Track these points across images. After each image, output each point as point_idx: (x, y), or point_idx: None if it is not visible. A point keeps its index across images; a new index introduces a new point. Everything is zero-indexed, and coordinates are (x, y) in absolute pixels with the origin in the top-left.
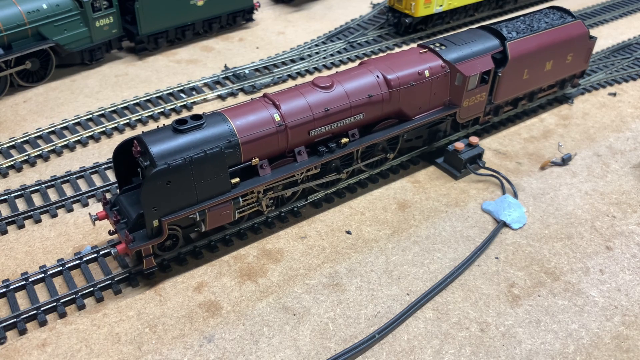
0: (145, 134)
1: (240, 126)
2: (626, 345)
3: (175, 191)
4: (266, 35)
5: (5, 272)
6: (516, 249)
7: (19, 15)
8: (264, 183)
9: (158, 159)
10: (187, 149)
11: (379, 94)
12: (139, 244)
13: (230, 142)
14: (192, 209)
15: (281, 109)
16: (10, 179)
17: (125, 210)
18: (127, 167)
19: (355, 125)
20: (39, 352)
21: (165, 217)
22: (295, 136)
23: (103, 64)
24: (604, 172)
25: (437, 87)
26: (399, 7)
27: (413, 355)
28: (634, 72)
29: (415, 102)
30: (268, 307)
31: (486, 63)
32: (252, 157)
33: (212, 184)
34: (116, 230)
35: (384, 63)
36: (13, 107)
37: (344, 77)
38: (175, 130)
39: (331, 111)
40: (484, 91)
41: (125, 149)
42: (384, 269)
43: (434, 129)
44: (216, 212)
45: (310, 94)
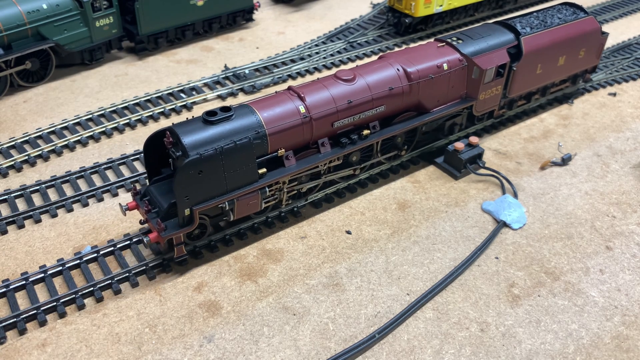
0: (177, 125)
1: (267, 118)
2: (626, 345)
3: (206, 181)
4: (266, 35)
5: (5, 272)
6: (516, 249)
7: (19, 15)
8: (290, 173)
9: (190, 149)
10: (217, 140)
11: (399, 87)
12: (170, 233)
13: (258, 133)
14: (222, 198)
15: (306, 101)
16: (10, 179)
17: (156, 200)
18: (156, 159)
19: (376, 118)
20: (39, 352)
21: (197, 205)
22: (320, 128)
23: (103, 64)
24: (604, 172)
25: (455, 80)
26: (399, 7)
27: (413, 355)
28: (634, 72)
29: (434, 94)
30: (268, 307)
31: (502, 57)
32: (279, 148)
33: (241, 174)
34: (147, 219)
35: (404, 56)
36: (13, 107)
37: (366, 70)
38: (205, 122)
39: (354, 103)
40: (500, 84)
41: (155, 141)
42: (384, 269)
43: (451, 122)
44: (244, 202)
45: (333, 87)
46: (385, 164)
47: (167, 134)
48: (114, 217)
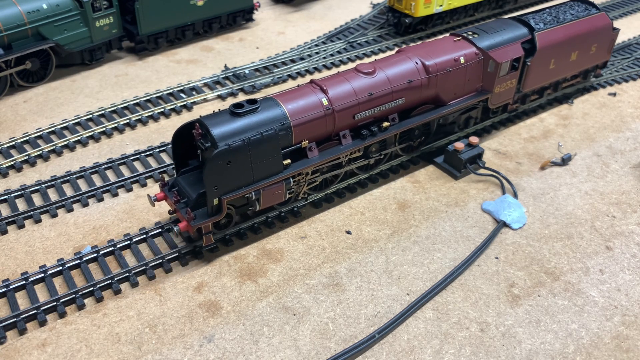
0: (205, 117)
1: (291, 110)
2: (626, 345)
3: (234, 171)
4: (266, 35)
5: (6, 272)
6: (516, 249)
7: (19, 15)
8: (313, 164)
9: (219, 140)
10: (245, 131)
11: (418, 80)
12: (199, 222)
13: (283, 125)
14: (249, 188)
15: (328, 93)
16: (10, 178)
17: (185, 190)
18: (184, 151)
19: (396, 110)
20: (39, 352)
21: (225, 195)
22: (342, 120)
23: (103, 64)
24: (604, 172)
25: (471, 73)
26: (399, 7)
27: (413, 355)
28: (634, 72)
29: (451, 87)
30: (268, 307)
31: (516, 50)
32: (302, 140)
33: (267, 165)
34: (176, 209)
35: (422, 50)
36: (13, 107)
37: (385, 64)
38: (232, 114)
39: (374, 96)
40: (514, 77)
41: (183, 133)
42: (384, 269)
43: (466, 115)
44: (270, 192)
45: (354, 80)
46: (385, 165)
47: (196, 126)
48: (114, 217)
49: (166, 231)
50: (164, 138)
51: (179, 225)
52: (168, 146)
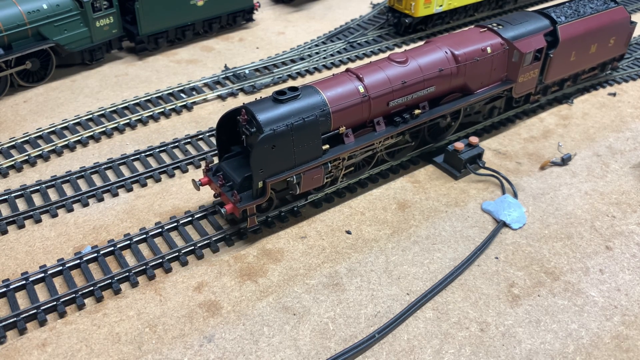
0: (250, 104)
1: (330, 97)
2: (626, 345)
3: (278, 155)
4: (266, 36)
5: (6, 272)
6: (516, 249)
7: (19, 15)
8: (349, 150)
9: (264, 125)
10: (287, 117)
11: (448, 68)
12: (245, 204)
13: (323, 111)
14: (291, 172)
15: (364, 81)
16: (10, 178)
17: (229, 174)
18: (226, 137)
19: (426, 98)
20: (39, 351)
21: (269, 178)
22: (377, 107)
23: (103, 64)
24: (604, 172)
25: (497, 63)
26: (398, 7)
27: (413, 355)
28: (634, 72)
29: (478, 76)
30: (268, 307)
31: (539, 41)
32: (340, 126)
33: (308, 149)
34: (221, 193)
35: (451, 40)
36: (13, 107)
37: (417, 53)
38: (275, 101)
39: (407, 84)
40: (536, 68)
41: (226, 121)
42: (384, 268)
43: (491, 105)
44: (309, 176)
45: (388, 68)
46: (385, 165)
47: (242, 112)
48: (114, 217)
49: (166, 231)
50: (164, 138)
51: (225, 207)
52: (168, 146)
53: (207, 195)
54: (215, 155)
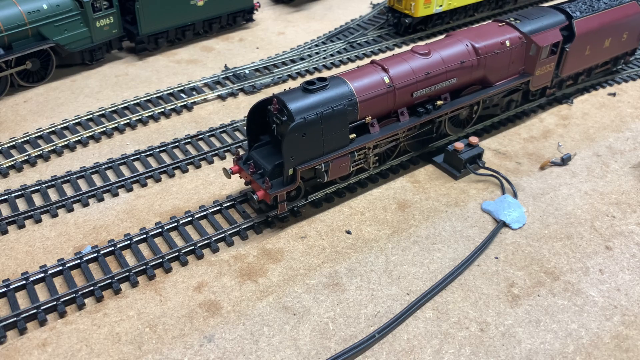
0: (280, 94)
1: (357, 87)
2: (626, 345)
3: (308, 143)
4: (266, 36)
5: (6, 272)
6: (516, 249)
7: (19, 15)
8: (374, 139)
9: (295, 114)
10: (317, 107)
11: (469, 61)
12: (276, 190)
13: (350, 101)
14: (319, 160)
15: (390, 72)
16: (10, 178)
17: (260, 162)
18: (256, 127)
19: (448, 90)
20: (40, 351)
21: (299, 165)
22: (401, 97)
23: (103, 64)
24: (604, 172)
25: (515, 56)
26: (398, 7)
27: (413, 354)
28: (633, 72)
29: (497, 69)
30: (268, 307)
31: (556, 35)
32: (366, 116)
33: (336, 138)
34: (252, 180)
35: (471, 33)
36: (13, 107)
37: (439, 46)
38: (305, 90)
39: (430, 75)
40: (553, 61)
41: (257, 111)
42: (384, 268)
43: (509, 98)
44: (337, 164)
45: (412, 60)
46: (385, 165)
47: (273, 101)
48: (115, 217)
49: (166, 231)
50: (164, 138)
51: (257, 194)
52: (168, 146)
53: (207, 195)
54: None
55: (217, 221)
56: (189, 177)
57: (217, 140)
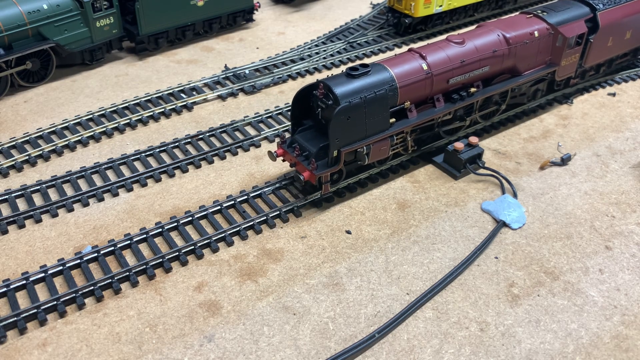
0: (326, 80)
1: (398, 73)
2: (625, 345)
3: (352, 126)
4: (266, 36)
5: (6, 272)
6: (516, 249)
7: (19, 15)
8: (412, 124)
9: (341, 98)
10: (360, 91)
11: (501, 50)
12: (322, 171)
13: (391, 86)
14: (361, 143)
15: (427, 59)
16: (10, 178)
17: (304, 145)
18: (299, 112)
19: (480, 78)
20: (40, 351)
21: (343, 147)
22: (438, 84)
23: (103, 64)
24: (604, 172)
25: (543, 46)
26: (398, 7)
27: (413, 354)
28: (633, 72)
29: (526, 58)
30: (268, 307)
31: (581, 27)
32: (405, 101)
33: (377, 122)
34: (297, 162)
35: (501, 24)
36: (14, 107)
37: (472, 35)
38: (348, 76)
39: (465, 63)
40: (577, 52)
41: (301, 97)
42: (384, 268)
43: (535, 87)
44: (377, 147)
45: (448, 48)
46: (385, 165)
47: (319, 86)
48: (115, 217)
49: (166, 231)
50: (164, 138)
51: (303, 174)
52: (168, 146)
53: (207, 195)
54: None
55: (217, 221)
56: (189, 177)
57: (217, 140)
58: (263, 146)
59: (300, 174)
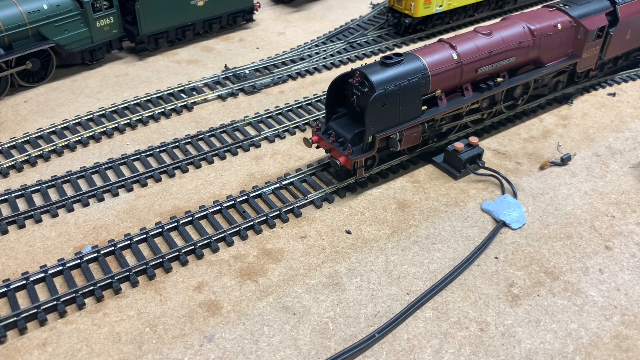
0: (361, 68)
1: (430, 62)
2: (625, 345)
3: (386, 112)
4: (266, 36)
5: (6, 272)
6: (515, 249)
7: (19, 15)
8: (442, 112)
9: (377, 86)
10: (394, 79)
11: (526, 41)
12: (357, 156)
13: (424, 74)
14: (395, 129)
15: (457, 49)
16: (11, 178)
17: (340, 132)
18: (335, 100)
19: (506, 68)
20: (40, 351)
21: (378, 133)
22: (467, 73)
23: (103, 64)
24: (603, 172)
25: (565, 38)
26: (398, 7)
27: (413, 354)
28: (633, 72)
29: (549, 50)
30: (268, 307)
31: (602, 20)
32: (436, 89)
33: (410, 109)
34: (332, 148)
35: (526, 17)
36: (14, 107)
37: (499, 27)
38: (382, 64)
39: (493, 53)
40: (598, 45)
41: (336, 85)
42: (384, 268)
43: (556, 79)
44: (410, 133)
45: (476, 39)
46: (385, 165)
47: (355, 74)
48: (115, 217)
49: (166, 231)
50: (164, 138)
51: (339, 159)
52: (168, 146)
53: (207, 195)
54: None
55: (217, 221)
56: (189, 177)
57: (217, 140)
58: (263, 146)
59: (337, 159)
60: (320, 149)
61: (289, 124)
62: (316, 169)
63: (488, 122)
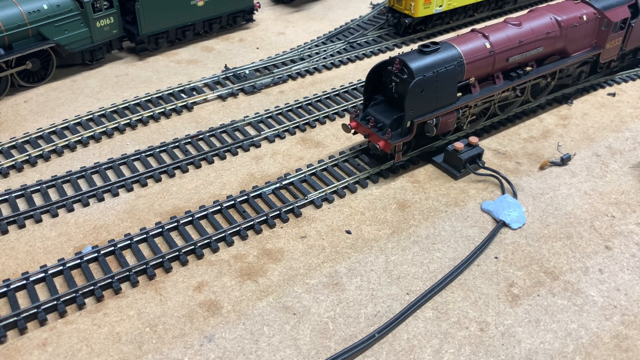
0: (401, 56)
1: (465, 51)
2: (625, 345)
3: (425, 98)
4: (266, 36)
5: (6, 272)
6: (515, 249)
7: (19, 15)
8: (476, 99)
9: (416, 73)
10: (432, 67)
11: (553, 32)
12: (396, 140)
13: (459, 62)
14: (432, 115)
15: (490, 39)
16: (11, 178)
17: (378, 118)
18: (373, 88)
19: (535, 58)
20: (40, 351)
21: (416, 118)
22: (499, 62)
23: (104, 64)
24: (603, 172)
25: (590, 30)
26: (398, 7)
27: (413, 354)
28: (633, 72)
29: (575, 41)
30: (268, 307)
31: (625, 12)
32: (470, 77)
33: (446, 95)
34: (371, 133)
35: (552, 9)
36: (14, 107)
37: (528, 18)
38: (420, 52)
39: (523, 43)
40: (620, 36)
41: (375, 73)
42: (384, 268)
43: (580, 69)
44: (445, 119)
45: (507, 29)
46: (384, 165)
47: (395, 62)
48: (115, 216)
49: (167, 231)
50: (164, 138)
51: (379, 143)
52: (168, 146)
53: (207, 195)
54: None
55: (217, 221)
56: (189, 177)
57: (217, 140)
58: (263, 146)
59: (376, 143)
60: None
61: (289, 124)
62: (316, 169)
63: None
